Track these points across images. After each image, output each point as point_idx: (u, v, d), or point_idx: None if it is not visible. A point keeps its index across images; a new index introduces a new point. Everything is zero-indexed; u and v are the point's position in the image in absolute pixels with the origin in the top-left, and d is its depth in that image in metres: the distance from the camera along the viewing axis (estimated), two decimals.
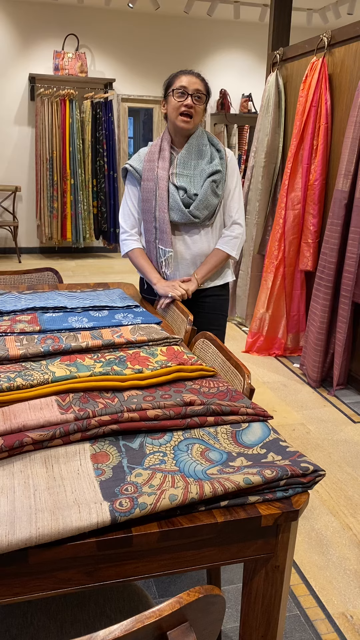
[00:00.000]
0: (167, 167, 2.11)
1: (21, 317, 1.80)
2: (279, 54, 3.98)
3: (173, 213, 2.09)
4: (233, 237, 2.18)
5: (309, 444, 2.75)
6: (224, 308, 2.29)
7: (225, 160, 2.14)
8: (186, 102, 2.02)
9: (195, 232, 2.15)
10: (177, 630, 0.69)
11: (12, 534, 0.82)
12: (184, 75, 2.04)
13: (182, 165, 2.11)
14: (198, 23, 7.31)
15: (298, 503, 0.97)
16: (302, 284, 3.85)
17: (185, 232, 2.15)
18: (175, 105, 2.04)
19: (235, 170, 2.19)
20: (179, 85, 2.02)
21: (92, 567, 0.89)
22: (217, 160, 2.12)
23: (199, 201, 2.07)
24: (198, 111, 2.06)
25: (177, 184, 2.09)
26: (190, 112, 2.03)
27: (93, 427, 1.09)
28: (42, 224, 6.93)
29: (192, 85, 2.02)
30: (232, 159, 2.18)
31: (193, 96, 2.02)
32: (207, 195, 2.07)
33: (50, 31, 6.84)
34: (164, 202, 2.09)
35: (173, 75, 2.08)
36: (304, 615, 1.71)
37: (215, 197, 2.10)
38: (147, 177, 2.13)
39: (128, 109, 7.43)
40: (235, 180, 2.18)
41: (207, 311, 2.24)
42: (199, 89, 2.03)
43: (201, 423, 1.16)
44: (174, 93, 2.04)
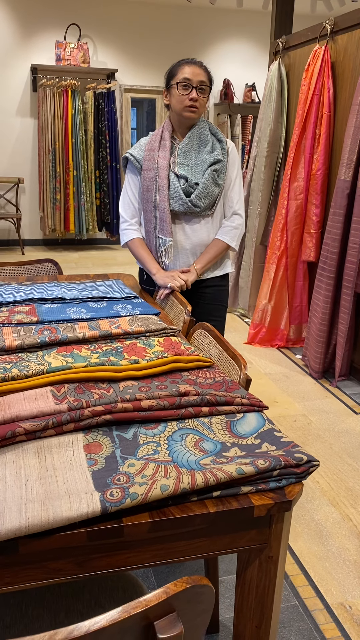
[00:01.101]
0: (167, 156, 2.10)
1: (19, 308, 1.79)
2: (281, 42, 3.94)
3: (173, 202, 2.08)
4: (233, 227, 2.17)
5: (310, 435, 2.74)
6: (223, 299, 2.28)
7: (227, 151, 2.13)
8: (191, 95, 2.01)
9: (195, 221, 2.14)
10: (165, 621, 0.68)
11: (2, 524, 0.82)
12: (187, 65, 2.02)
13: (183, 155, 2.10)
14: (201, 12, 7.24)
15: (291, 493, 0.96)
16: (304, 275, 3.83)
17: (186, 222, 2.14)
18: (180, 99, 2.03)
19: (236, 161, 2.18)
20: (183, 77, 2.01)
21: (83, 558, 0.89)
22: (219, 150, 2.11)
23: (200, 190, 2.06)
24: (202, 103, 2.05)
25: (178, 173, 2.08)
26: (195, 104, 2.02)
27: (86, 418, 1.09)
28: (45, 215, 6.92)
29: (196, 77, 2.00)
30: (233, 149, 2.17)
31: (197, 89, 2.01)
32: (208, 184, 2.06)
33: (52, 21, 6.79)
34: (164, 191, 2.08)
35: (175, 65, 2.06)
36: (303, 605, 1.71)
37: (216, 187, 2.09)
38: (148, 167, 2.12)
39: (131, 99, 7.39)
40: (236, 171, 2.17)
41: (207, 302, 2.23)
42: (202, 81, 2.02)
43: (196, 413, 1.15)
44: (178, 86, 2.02)
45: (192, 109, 2.03)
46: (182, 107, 2.03)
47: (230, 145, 2.16)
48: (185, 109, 2.03)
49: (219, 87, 7.52)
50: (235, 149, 2.19)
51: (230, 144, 2.17)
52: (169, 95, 2.09)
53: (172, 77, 2.05)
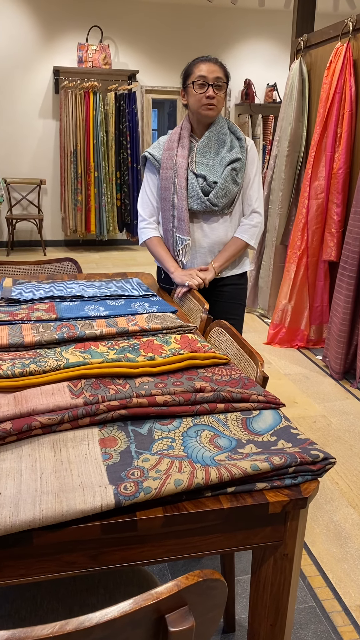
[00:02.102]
0: (186, 155, 2.09)
1: (39, 306, 1.81)
2: (302, 40, 3.91)
3: (192, 201, 2.08)
4: (252, 225, 2.16)
5: (330, 436, 2.71)
6: (241, 297, 2.27)
7: (246, 149, 2.12)
8: (208, 93, 2.00)
9: (214, 220, 2.13)
10: (176, 614, 0.68)
11: (16, 516, 0.82)
12: (202, 63, 2.01)
13: (202, 154, 2.10)
14: (222, 12, 7.23)
15: (307, 491, 0.95)
16: (325, 275, 3.79)
17: (204, 221, 2.13)
18: (197, 97, 2.02)
19: (255, 159, 2.17)
20: (198, 75, 1.99)
21: (97, 551, 0.89)
22: (237, 149, 2.09)
23: (219, 189, 2.05)
24: (220, 99, 2.04)
25: (197, 172, 2.08)
26: (212, 102, 2.01)
27: (102, 412, 1.09)
28: (66, 216, 6.98)
29: (211, 74, 1.99)
30: (252, 147, 2.16)
31: (214, 86, 2.00)
32: (227, 183, 2.06)
33: (74, 23, 6.85)
34: (182, 190, 2.07)
35: (191, 64, 2.05)
36: (320, 607, 1.69)
37: (234, 185, 2.08)
38: (166, 165, 2.11)
39: (152, 100, 7.41)
40: (255, 169, 2.16)
41: (225, 300, 2.22)
42: (218, 77, 2.00)
43: (211, 410, 1.15)
44: (194, 85, 2.01)
45: (209, 106, 2.02)
46: (199, 105, 2.03)
47: (249, 144, 2.14)
48: (202, 107, 2.02)
49: (240, 87, 7.50)
50: (254, 147, 2.16)
51: (249, 142, 2.15)
52: (186, 95, 2.08)
53: (188, 76, 2.05)
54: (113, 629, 0.64)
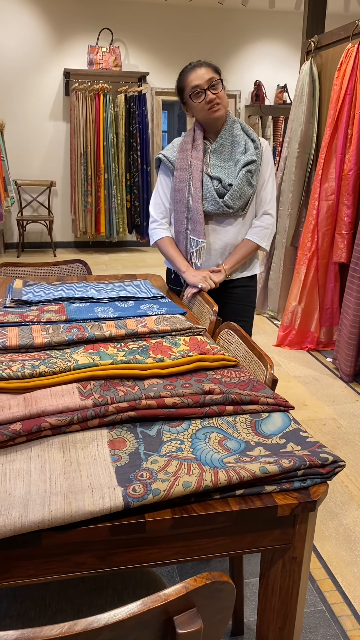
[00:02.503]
0: (200, 157, 2.08)
1: (49, 307, 1.82)
2: (313, 41, 3.90)
3: (207, 203, 2.07)
4: (263, 227, 2.15)
5: (339, 439, 2.70)
6: (251, 299, 2.26)
7: (260, 150, 2.10)
8: (208, 98, 1.99)
9: (227, 222, 2.12)
10: (184, 616, 0.68)
11: (26, 516, 0.83)
12: (190, 73, 2.00)
13: (216, 156, 2.09)
14: (232, 14, 7.24)
15: (316, 494, 0.95)
16: (335, 277, 3.77)
17: (216, 223, 2.13)
18: (199, 107, 2.02)
19: (270, 160, 2.15)
20: (191, 87, 1.99)
21: (105, 552, 0.89)
22: (252, 150, 2.08)
23: (234, 191, 2.04)
24: (222, 96, 2.02)
25: (212, 174, 2.07)
26: (215, 102, 2.00)
27: (111, 414, 1.10)
28: (76, 218, 7.01)
29: (203, 79, 1.97)
30: (267, 148, 2.14)
31: (210, 88, 1.98)
32: (242, 185, 2.05)
33: (85, 26, 6.88)
34: (197, 192, 2.07)
35: (179, 79, 2.06)
36: (330, 610, 1.68)
37: (249, 187, 2.08)
38: (181, 167, 2.11)
39: (162, 102, 7.42)
40: (269, 170, 2.15)
41: (235, 302, 2.21)
42: (211, 77, 1.98)
43: (220, 412, 1.15)
44: (191, 97, 2.01)
45: (214, 108, 2.01)
46: (205, 112, 2.02)
47: (264, 145, 2.13)
48: (209, 112, 2.02)
49: (250, 89, 7.50)
50: (269, 147, 2.15)
51: (264, 143, 2.14)
52: (189, 108, 2.08)
53: (182, 91, 2.05)
54: (121, 630, 0.64)
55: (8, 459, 0.98)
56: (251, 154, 2.06)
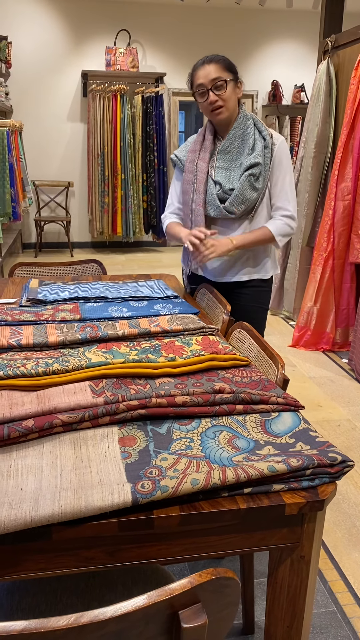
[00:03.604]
0: (207, 158, 2.04)
1: (64, 307, 1.84)
2: (330, 41, 3.88)
3: (209, 208, 2.03)
4: (284, 223, 2.03)
5: (354, 440, 2.68)
6: (262, 300, 2.20)
7: (271, 149, 2.00)
8: (209, 99, 1.93)
9: (233, 226, 2.06)
10: (189, 611, 0.69)
11: (36, 511, 0.85)
12: (198, 70, 1.94)
13: (223, 157, 2.03)
14: (249, 14, 7.22)
15: (324, 493, 0.95)
16: (352, 277, 3.75)
17: (222, 226, 2.07)
18: (203, 106, 1.98)
19: (284, 158, 2.03)
20: (196, 85, 1.95)
21: (114, 547, 0.90)
22: (259, 150, 1.98)
23: (235, 196, 1.97)
24: (226, 97, 1.94)
25: (214, 178, 2.02)
26: (217, 105, 1.94)
27: (121, 411, 1.11)
28: (93, 218, 7.06)
29: (207, 78, 1.91)
30: (281, 145, 2.02)
31: (212, 89, 1.92)
32: (243, 190, 1.97)
33: (102, 27, 6.92)
34: (200, 195, 2.03)
35: (189, 75, 1.99)
36: (341, 612, 1.68)
37: (253, 191, 1.99)
38: (188, 169, 2.08)
39: (179, 102, 7.44)
40: (283, 169, 2.03)
41: (245, 303, 2.17)
42: (215, 78, 1.91)
43: (230, 411, 1.16)
44: (195, 96, 1.98)
45: (216, 111, 1.96)
46: (209, 113, 1.98)
47: (277, 141, 2.02)
48: (211, 114, 1.97)
49: (267, 89, 7.48)
50: (284, 144, 2.04)
51: (278, 140, 2.02)
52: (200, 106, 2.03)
53: (191, 87, 2.00)
54: (127, 623, 0.66)
55: (20, 454, 1.00)
56: (256, 156, 1.97)
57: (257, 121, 2.04)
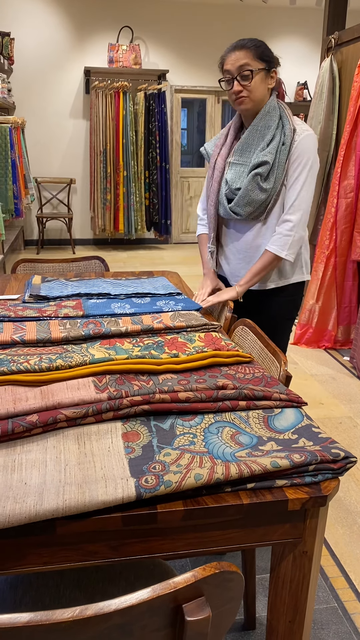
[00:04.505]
0: (225, 154, 1.95)
1: (67, 303, 1.85)
2: (334, 38, 3.87)
3: (220, 207, 1.96)
4: (283, 234, 1.87)
5: (355, 438, 2.69)
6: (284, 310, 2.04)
7: (289, 145, 1.82)
8: (234, 89, 1.81)
9: (246, 227, 1.96)
10: (193, 604, 0.69)
11: (40, 505, 0.85)
12: (227, 54, 1.81)
13: (240, 152, 1.91)
14: (253, 11, 7.21)
15: (327, 489, 0.95)
16: (354, 275, 3.75)
17: (235, 227, 1.99)
18: (228, 94, 1.86)
19: (303, 156, 1.83)
20: (224, 70, 1.82)
21: (118, 542, 0.91)
22: (273, 147, 1.82)
23: (240, 197, 1.87)
24: (252, 88, 1.80)
25: (226, 176, 1.93)
26: (242, 95, 1.81)
27: (125, 407, 1.12)
28: (95, 215, 7.06)
29: (235, 64, 1.78)
30: (303, 141, 1.82)
31: (238, 77, 1.79)
32: (249, 191, 1.85)
33: (105, 24, 6.91)
34: (213, 195, 1.96)
35: (221, 57, 1.86)
36: (342, 608, 1.68)
37: (261, 192, 1.85)
38: (210, 165, 1.99)
39: (181, 99, 7.43)
40: (299, 169, 1.84)
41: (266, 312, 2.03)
42: (242, 65, 1.77)
43: (233, 407, 1.16)
44: (221, 83, 1.85)
45: (239, 100, 1.82)
46: (232, 102, 1.86)
47: (299, 137, 1.83)
48: (235, 102, 1.85)
49: None
50: (308, 139, 1.83)
51: (301, 134, 1.83)
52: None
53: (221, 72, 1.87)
54: (131, 616, 0.66)
55: (24, 449, 1.01)
56: (266, 153, 1.82)
57: (284, 114, 1.87)
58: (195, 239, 7.88)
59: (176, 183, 7.64)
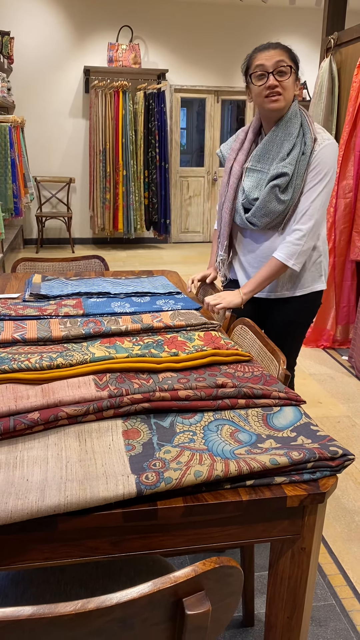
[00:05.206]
0: (242, 161, 1.89)
1: (67, 302, 1.86)
2: (333, 38, 3.88)
3: (237, 215, 1.91)
4: (292, 243, 1.82)
5: (353, 437, 2.70)
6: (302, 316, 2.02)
7: (309, 155, 1.77)
8: (268, 83, 1.72)
9: (261, 239, 1.92)
10: (193, 598, 0.71)
11: (42, 501, 0.86)
12: (260, 52, 1.75)
13: (257, 159, 1.85)
14: (252, 11, 7.22)
15: (325, 486, 0.96)
16: (352, 275, 3.76)
17: (251, 236, 1.94)
18: (258, 91, 1.76)
19: (323, 167, 1.78)
20: (256, 65, 1.74)
21: (119, 538, 0.92)
22: (293, 157, 1.76)
23: (257, 208, 1.82)
24: (287, 86, 1.74)
25: (243, 184, 1.88)
26: (276, 91, 1.73)
27: (125, 405, 1.13)
28: (94, 215, 7.06)
29: (271, 60, 1.71)
30: (323, 150, 1.77)
31: (275, 72, 1.71)
32: (267, 202, 1.80)
33: (105, 23, 6.92)
34: (229, 202, 1.90)
35: (249, 56, 1.81)
36: (340, 605, 1.69)
37: (279, 204, 1.80)
38: (226, 169, 1.93)
39: (181, 99, 7.44)
40: (317, 177, 1.78)
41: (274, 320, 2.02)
42: (279, 60, 1.72)
43: (232, 405, 1.17)
44: (252, 78, 1.76)
45: (272, 97, 1.73)
46: (262, 99, 1.75)
47: (319, 146, 1.77)
48: (265, 100, 1.74)
49: None
50: (329, 148, 1.78)
51: (322, 143, 1.78)
52: (250, 92, 1.82)
53: (247, 70, 1.80)
54: (132, 610, 0.67)
55: (26, 446, 1.02)
56: (285, 164, 1.76)
57: (306, 121, 1.81)
58: (194, 239, 7.93)
59: (175, 182, 7.65)
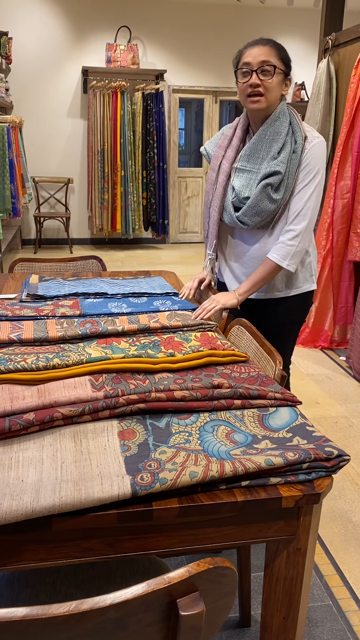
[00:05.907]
0: (231, 158, 1.86)
1: (64, 302, 1.85)
2: (331, 39, 3.89)
3: (225, 214, 1.89)
4: (286, 244, 1.80)
5: (351, 437, 2.70)
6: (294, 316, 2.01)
7: (300, 154, 1.76)
8: (250, 81, 1.70)
9: (251, 239, 1.89)
10: (187, 599, 0.70)
11: (37, 502, 0.86)
12: (249, 48, 1.74)
13: (247, 158, 1.83)
14: (250, 11, 7.22)
15: (321, 487, 0.97)
16: (350, 275, 3.76)
17: (240, 235, 1.92)
18: (241, 88, 1.75)
19: (314, 166, 1.77)
20: (242, 62, 1.73)
21: (114, 539, 0.92)
22: (284, 156, 1.75)
23: (248, 207, 1.80)
24: (270, 87, 1.71)
25: (232, 183, 1.85)
26: (257, 91, 1.71)
27: (121, 405, 1.13)
28: (93, 215, 7.06)
29: (257, 58, 1.70)
30: (313, 149, 1.77)
31: (258, 71, 1.70)
32: (258, 201, 1.77)
33: (103, 24, 6.92)
34: (217, 200, 1.88)
35: (239, 51, 1.79)
36: (337, 605, 1.69)
37: (270, 203, 1.78)
38: (213, 167, 1.91)
39: (179, 99, 7.44)
40: (309, 177, 1.78)
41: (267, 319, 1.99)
42: (265, 60, 1.69)
43: (228, 406, 1.17)
44: (237, 74, 1.75)
45: (253, 98, 1.72)
46: (244, 98, 1.75)
47: (309, 144, 1.77)
48: (247, 100, 1.74)
49: None
50: (318, 146, 1.78)
51: (312, 142, 1.77)
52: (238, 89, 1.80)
53: (236, 66, 1.78)
54: (126, 610, 0.67)
55: (21, 447, 1.02)
56: (278, 163, 1.75)
57: (295, 120, 1.81)
58: (192, 239, 7.93)
59: (174, 183, 7.65)
